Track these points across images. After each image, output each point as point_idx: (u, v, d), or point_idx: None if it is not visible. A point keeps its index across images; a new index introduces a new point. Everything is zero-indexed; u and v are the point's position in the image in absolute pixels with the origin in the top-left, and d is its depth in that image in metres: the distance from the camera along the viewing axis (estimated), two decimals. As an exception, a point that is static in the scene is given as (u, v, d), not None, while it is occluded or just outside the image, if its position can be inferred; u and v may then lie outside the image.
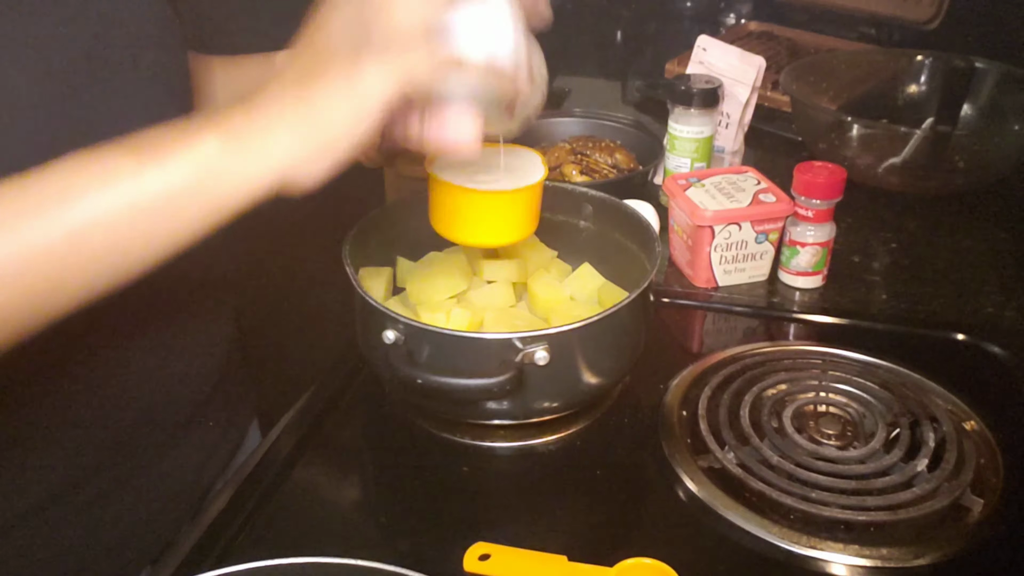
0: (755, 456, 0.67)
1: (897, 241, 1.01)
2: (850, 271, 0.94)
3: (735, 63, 1.05)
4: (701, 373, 0.77)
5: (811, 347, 0.81)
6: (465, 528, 0.63)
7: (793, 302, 0.90)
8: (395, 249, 0.82)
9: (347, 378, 0.79)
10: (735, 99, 1.05)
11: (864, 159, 1.07)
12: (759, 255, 0.90)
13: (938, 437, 0.68)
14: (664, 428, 0.71)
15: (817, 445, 0.68)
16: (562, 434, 0.72)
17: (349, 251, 0.72)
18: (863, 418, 0.71)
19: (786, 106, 1.25)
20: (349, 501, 0.68)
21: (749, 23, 1.59)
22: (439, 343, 0.65)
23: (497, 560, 0.58)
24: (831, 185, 0.85)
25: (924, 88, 1.23)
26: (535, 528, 0.64)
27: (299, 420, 0.73)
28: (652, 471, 0.68)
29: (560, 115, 1.17)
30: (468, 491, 0.68)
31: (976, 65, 1.11)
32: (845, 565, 0.59)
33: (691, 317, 0.91)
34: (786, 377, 0.75)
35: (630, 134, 1.12)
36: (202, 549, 0.61)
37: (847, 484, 0.64)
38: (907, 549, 0.60)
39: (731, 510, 0.63)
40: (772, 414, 0.70)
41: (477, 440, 0.72)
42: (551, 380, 0.66)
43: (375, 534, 0.64)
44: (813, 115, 1.13)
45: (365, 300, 0.67)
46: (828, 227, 0.88)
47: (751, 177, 0.92)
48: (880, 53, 1.34)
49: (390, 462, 0.72)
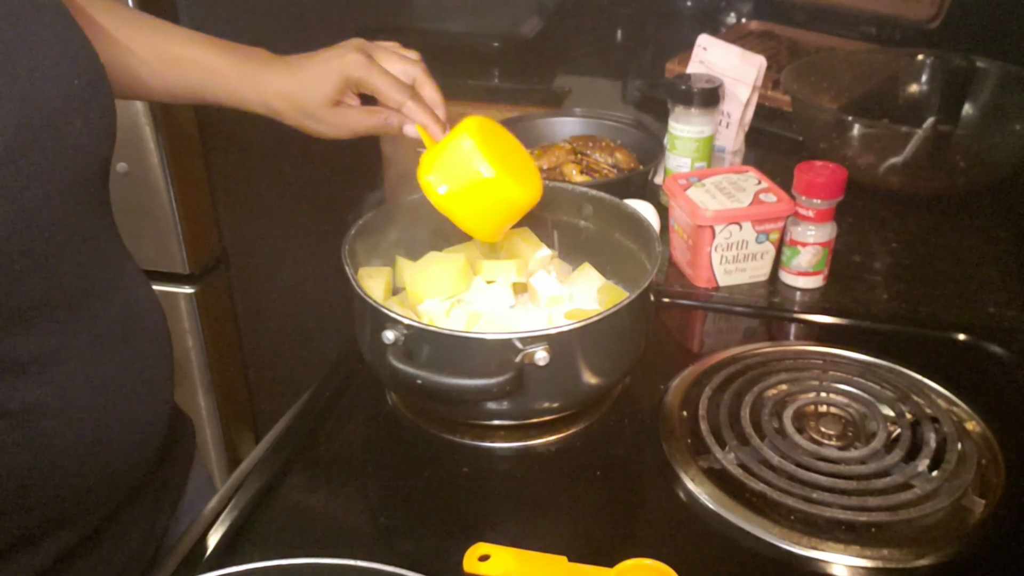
0: (755, 456, 0.67)
1: (898, 241, 1.00)
2: (851, 271, 0.94)
3: (736, 62, 1.05)
4: (701, 373, 0.77)
5: (812, 347, 0.81)
6: (465, 528, 0.63)
7: (794, 302, 0.90)
8: (395, 249, 0.82)
9: (347, 378, 0.79)
10: (736, 99, 1.05)
11: (865, 159, 1.07)
12: (760, 255, 0.90)
13: (939, 437, 0.68)
14: (664, 428, 0.71)
15: (818, 445, 0.67)
16: (562, 434, 0.72)
17: (349, 251, 0.72)
18: (864, 418, 0.71)
19: (787, 106, 1.25)
20: (349, 501, 0.68)
21: (750, 22, 1.59)
22: (439, 343, 0.65)
23: (497, 560, 0.58)
24: (832, 185, 0.85)
25: (925, 88, 1.23)
26: (535, 528, 0.64)
27: (299, 420, 0.73)
28: (652, 471, 0.68)
29: (560, 115, 1.17)
30: (468, 491, 0.68)
31: (977, 64, 1.11)
32: (846, 566, 0.59)
33: (691, 317, 0.90)
34: (787, 377, 0.75)
35: (630, 134, 1.12)
36: (202, 549, 0.61)
37: (848, 484, 0.64)
38: (908, 550, 0.60)
39: (731, 510, 0.63)
40: (773, 414, 0.70)
41: (477, 440, 0.71)
42: (551, 380, 0.66)
43: (375, 534, 0.64)
44: (814, 115, 1.13)
45: (365, 300, 0.67)
46: (829, 227, 0.88)
47: (752, 177, 0.92)
48: (881, 52, 1.34)
49: (390, 462, 0.72)
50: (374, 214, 0.78)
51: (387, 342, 0.65)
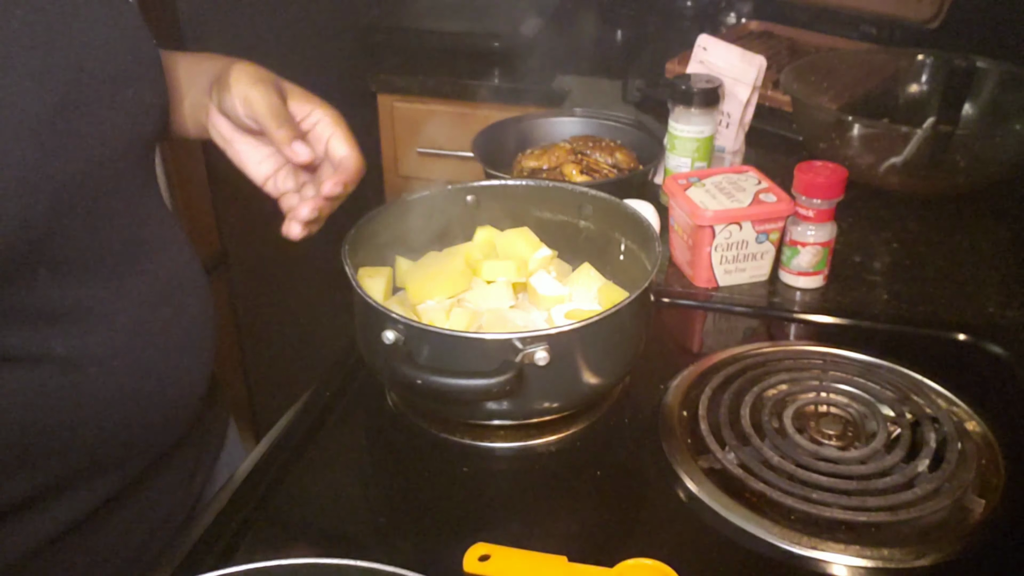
0: (755, 456, 0.67)
1: (898, 241, 1.00)
2: (851, 271, 0.94)
3: (736, 62, 1.05)
4: (701, 373, 0.77)
5: (812, 347, 0.81)
6: (465, 528, 0.63)
7: (794, 302, 0.90)
8: (395, 249, 0.82)
9: (347, 378, 0.79)
10: (736, 98, 1.05)
11: (865, 159, 1.07)
12: (760, 255, 0.90)
13: (939, 437, 0.68)
14: (664, 428, 0.71)
15: (818, 445, 0.67)
16: (562, 434, 0.72)
17: (349, 251, 0.72)
18: (864, 418, 0.71)
19: (787, 106, 1.25)
20: (349, 501, 0.68)
21: (750, 22, 1.59)
22: (439, 343, 0.65)
23: (497, 560, 0.58)
24: (832, 185, 0.85)
25: (925, 88, 1.23)
26: (535, 528, 0.64)
27: (299, 420, 0.73)
28: (652, 471, 0.68)
29: (560, 115, 1.17)
30: (468, 491, 0.68)
31: (977, 64, 1.11)
32: (846, 566, 0.59)
33: (691, 317, 0.90)
34: (787, 377, 0.75)
35: (630, 134, 1.12)
36: (202, 549, 0.61)
37: (848, 484, 0.64)
38: (908, 550, 0.60)
39: (731, 510, 0.63)
40: (773, 414, 0.70)
41: (477, 440, 0.71)
42: (551, 380, 0.66)
43: (375, 534, 0.64)
44: (814, 115, 1.13)
45: (365, 300, 0.67)
46: (829, 227, 0.88)
47: (752, 177, 0.92)
48: (881, 52, 1.34)
49: (390, 462, 0.72)
50: (374, 214, 0.78)
51: (387, 342, 0.65)
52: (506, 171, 1.07)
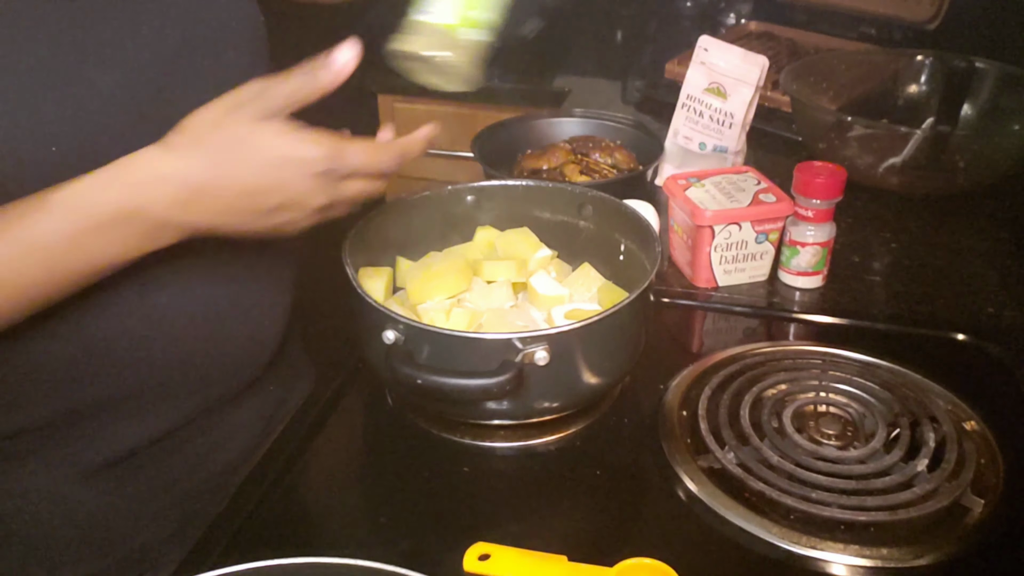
0: (755, 456, 0.67)
1: (897, 241, 1.00)
2: (850, 271, 0.94)
3: (737, 63, 1.05)
4: (701, 373, 0.77)
5: (811, 347, 0.81)
6: (465, 528, 0.63)
7: (793, 302, 0.90)
8: (395, 249, 0.82)
9: (347, 378, 0.79)
10: (738, 99, 1.05)
11: (864, 159, 1.07)
12: (759, 255, 0.90)
13: (938, 437, 0.68)
14: (664, 428, 0.71)
15: (817, 445, 0.68)
16: (562, 434, 0.72)
17: (349, 251, 0.72)
18: (863, 418, 0.71)
19: (786, 106, 1.25)
20: (349, 501, 0.68)
21: (749, 23, 1.59)
22: (439, 343, 0.65)
23: (497, 560, 0.58)
24: (831, 185, 0.85)
25: (924, 88, 1.23)
26: (535, 528, 0.64)
27: (299, 420, 0.73)
28: (652, 471, 0.68)
29: (560, 115, 1.17)
30: (468, 491, 0.68)
31: (976, 65, 1.11)
32: (845, 565, 0.59)
33: (691, 317, 0.91)
34: (786, 377, 0.75)
35: (630, 134, 1.12)
36: (202, 549, 0.61)
37: (847, 484, 0.64)
38: (907, 549, 0.60)
39: (731, 510, 0.63)
40: (772, 414, 0.70)
41: (477, 440, 0.72)
42: (551, 380, 0.66)
43: (375, 534, 0.64)
44: (813, 115, 1.13)
45: (365, 300, 0.67)
46: (828, 227, 0.88)
47: (751, 177, 0.92)
48: (880, 53, 1.34)
49: (390, 462, 0.72)
50: (374, 214, 0.78)
51: (387, 342, 0.65)
52: (506, 171, 1.07)
